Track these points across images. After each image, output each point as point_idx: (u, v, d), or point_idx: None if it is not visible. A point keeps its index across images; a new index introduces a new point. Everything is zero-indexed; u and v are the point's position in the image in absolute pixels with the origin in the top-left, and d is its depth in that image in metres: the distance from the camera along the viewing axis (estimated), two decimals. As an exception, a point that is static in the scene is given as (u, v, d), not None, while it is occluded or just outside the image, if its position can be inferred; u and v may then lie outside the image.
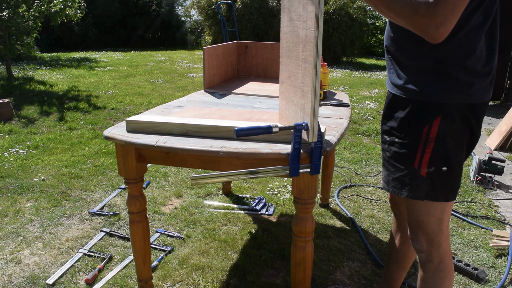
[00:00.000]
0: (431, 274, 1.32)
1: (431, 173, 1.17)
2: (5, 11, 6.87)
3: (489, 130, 4.77)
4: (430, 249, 1.29)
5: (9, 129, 4.36)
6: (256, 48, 2.65)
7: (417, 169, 1.18)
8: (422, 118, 1.16)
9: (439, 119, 1.13)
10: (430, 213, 1.23)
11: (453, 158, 1.17)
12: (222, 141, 1.33)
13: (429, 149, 1.16)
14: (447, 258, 1.31)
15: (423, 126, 1.15)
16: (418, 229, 1.28)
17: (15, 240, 2.24)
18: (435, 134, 1.14)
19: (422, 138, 1.16)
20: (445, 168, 1.16)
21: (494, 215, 2.62)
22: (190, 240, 2.27)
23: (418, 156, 1.18)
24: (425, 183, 1.19)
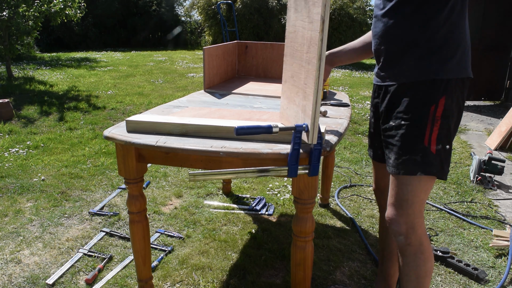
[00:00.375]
0: (412, 257, 1.33)
1: (439, 150, 1.24)
2: (5, 11, 6.87)
3: (489, 130, 4.77)
4: (409, 231, 1.31)
5: (9, 129, 4.36)
6: (256, 48, 2.65)
7: (428, 146, 1.23)
8: (428, 98, 1.22)
9: (444, 98, 1.21)
10: (415, 192, 1.27)
11: (452, 137, 1.27)
12: (222, 141, 1.33)
13: (437, 127, 1.22)
14: (425, 241, 1.33)
15: (430, 105, 1.22)
16: (400, 210, 1.30)
17: (15, 240, 2.24)
18: (441, 113, 1.22)
19: (430, 116, 1.22)
20: (448, 146, 1.25)
21: (494, 215, 2.62)
22: (190, 240, 2.27)
23: (427, 134, 1.23)
24: (436, 159, 1.24)
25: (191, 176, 1.15)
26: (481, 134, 4.68)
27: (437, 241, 2.30)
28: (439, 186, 3.06)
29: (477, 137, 4.52)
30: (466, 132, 4.75)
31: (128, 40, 16.84)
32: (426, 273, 1.34)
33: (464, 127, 4.94)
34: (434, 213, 2.63)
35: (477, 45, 6.32)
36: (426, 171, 1.24)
